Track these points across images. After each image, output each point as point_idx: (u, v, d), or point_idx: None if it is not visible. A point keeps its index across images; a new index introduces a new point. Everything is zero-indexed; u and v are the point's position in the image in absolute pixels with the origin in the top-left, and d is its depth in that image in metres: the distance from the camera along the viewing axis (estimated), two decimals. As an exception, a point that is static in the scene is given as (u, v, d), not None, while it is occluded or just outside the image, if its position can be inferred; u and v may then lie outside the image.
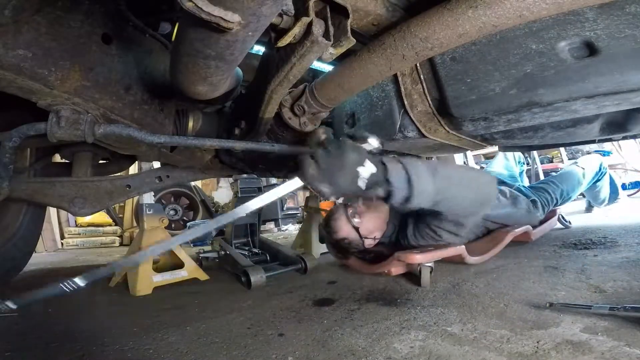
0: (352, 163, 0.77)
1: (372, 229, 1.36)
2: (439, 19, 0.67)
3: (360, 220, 1.33)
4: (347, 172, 0.76)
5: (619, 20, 0.75)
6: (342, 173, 0.76)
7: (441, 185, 0.94)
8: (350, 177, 0.77)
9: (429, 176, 0.90)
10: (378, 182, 0.82)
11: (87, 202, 1.13)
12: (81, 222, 4.17)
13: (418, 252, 1.14)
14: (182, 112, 1.26)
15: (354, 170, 0.77)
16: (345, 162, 0.76)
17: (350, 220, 1.33)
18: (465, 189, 1.03)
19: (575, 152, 4.52)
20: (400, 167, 0.88)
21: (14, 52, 0.72)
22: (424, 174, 0.89)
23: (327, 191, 0.77)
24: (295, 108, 1.07)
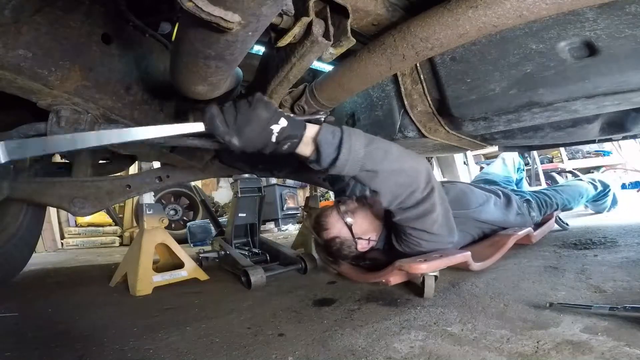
0: (264, 119, 0.76)
1: (366, 229, 1.23)
2: (439, 19, 0.68)
3: (354, 218, 1.22)
4: (259, 126, 0.75)
5: (619, 20, 0.75)
6: (254, 128, 0.75)
7: (374, 153, 0.89)
8: (260, 129, 0.76)
9: (362, 139, 0.88)
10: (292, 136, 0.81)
11: (87, 202, 1.13)
12: (81, 222, 4.17)
13: (422, 260, 1.02)
14: (182, 112, 1.26)
15: (265, 124, 0.76)
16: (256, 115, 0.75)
17: (343, 217, 1.21)
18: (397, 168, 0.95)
19: (575, 152, 4.52)
20: (332, 127, 0.87)
21: (14, 52, 0.72)
22: (358, 137, 0.87)
23: (236, 144, 0.76)
24: (296, 108, 1.07)
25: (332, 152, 0.85)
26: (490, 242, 1.42)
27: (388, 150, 0.92)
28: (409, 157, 0.98)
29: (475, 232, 1.46)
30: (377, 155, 0.89)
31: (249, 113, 0.75)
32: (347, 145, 0.84)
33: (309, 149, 0.86)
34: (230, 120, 0.75)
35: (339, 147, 0.84)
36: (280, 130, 0.79)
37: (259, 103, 0.76)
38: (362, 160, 0.87)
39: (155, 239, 1.57)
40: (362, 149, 0.86)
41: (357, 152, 0.85)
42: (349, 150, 0.84)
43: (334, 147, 0.84)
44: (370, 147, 0.88)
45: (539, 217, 1.79)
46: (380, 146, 0.92)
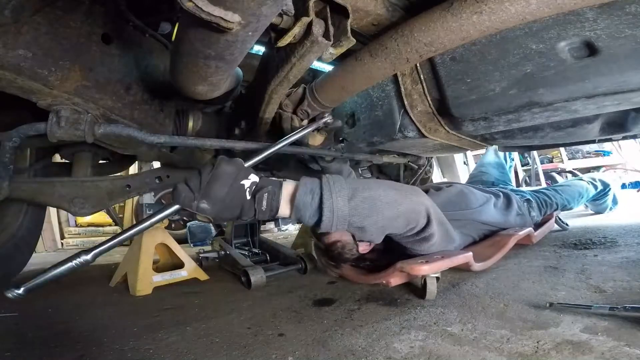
0: (230, 173, 0.70)
1: None
2: (443, 24, 0.67)
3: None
4: (226, 183, 0.68)
5: (619, 20, 0.75)
6: (221, 184, 0.68)
7: (360, 208, 0.80)
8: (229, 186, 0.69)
9: (344, 193, 0.78)
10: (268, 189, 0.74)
11: (87, 202, 1.13)
12: (81, 222, 4.17)
13: (424, 262, 0.99)
14: (182, 112, 1.26)
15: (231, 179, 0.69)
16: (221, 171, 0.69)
17: None
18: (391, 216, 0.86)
19: (575, 152, 4.52)
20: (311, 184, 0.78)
21: (14, 52, 0.72)
22: (340, 192, 0.77)
23: (209, 208, 0.67)
24: (299, 112, 1.07)
25: (313, 214, 0.76)
26: (491, 242, 1.40)
27: (377, 199, 0.82)
28: (405, 197, 0.89)
29: (476, 233, 1.45)
30: (364, 209, 0.80)
31: (214, 172, 0.68)
32: (328, 206, 0.75)
33: (288, 210, 0.77)
34: (195, 184, 0.68)
35: (319, 208, 0.75)
36: (252, 184, 0.72)
37: (222, 161, 0.71)
38: (348, 218, 0.78)
39: (155, 239, 1.57)
40: (345, 207, 0.77)
41: (341, 210, 0.76)
42: (332, 210, 0.75)
43: (314, 209, 0.76)
44: (355, 201, 0.79)
45: (539, 217, 1.78)
46: (367, 196, 0.81)
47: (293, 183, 0.79)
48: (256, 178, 0.74)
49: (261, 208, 0.72)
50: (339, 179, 0.80)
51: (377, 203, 0.82)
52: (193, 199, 0.67)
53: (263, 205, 0.72)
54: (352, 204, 0.78)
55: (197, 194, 0.67)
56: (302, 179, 0.79)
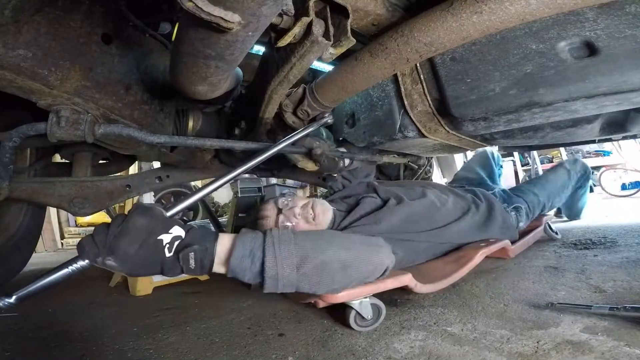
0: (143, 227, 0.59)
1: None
2: (443, 24, 0.67)
3: (297, 220, 1.03)
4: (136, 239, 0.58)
5: (619, 20, 0.75)
6: (130, 240, 0.57)
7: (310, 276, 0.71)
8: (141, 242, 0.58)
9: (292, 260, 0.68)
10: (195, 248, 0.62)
11: (87, 202, 1.13)
12: (81, 222, 4.17)
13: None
14: (182, 112, 1.26)
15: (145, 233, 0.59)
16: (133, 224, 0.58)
17: (287, 218, 1.03)
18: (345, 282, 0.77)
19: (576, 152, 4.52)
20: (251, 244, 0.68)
21: (14, 52, 0.72)
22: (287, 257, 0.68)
23: (117, 265, 0.58)
24: (299, 112, 1.07)
25: (254, 277, 0.67)
26: (454, 257, 1.18)
27: (328, 263, 0.72)
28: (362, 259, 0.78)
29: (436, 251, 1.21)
30: (313, 276, 0.71)
31: (123, 225, 0.58)
32: (271, 275, 0.66)
33: (223, 269, 0.67)
34: (101, 238, 0.58)
35: (261, 274, 0.66)
36: (173, 240, 0.61)
37: (134, 212, 0.60)
38: (296, 284, 0.69)
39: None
40: (293, 275, 0.68)
41: (287, 278, 0.67)
42: (276, 279, 0.66)
43: (254, 274, 0.67)
44: (304, 269, 0.69)
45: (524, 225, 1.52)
46: (318, 263, 0.71)
47: (230, 239, 0.68)
48: (180, 231, 0.63)
49: (189, 267, 0.62)
50: (286, 240, 0.70)
51: (327, 269, 0.72)
52: (98, 255, 0.57)
53: (190, 264, 0.62)
54: (301, 271, 0.69)
55: (102, 249, 0.57)
56: (240, 235, 0.70)
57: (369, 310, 0.87)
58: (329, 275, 0.73)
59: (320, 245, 0.73)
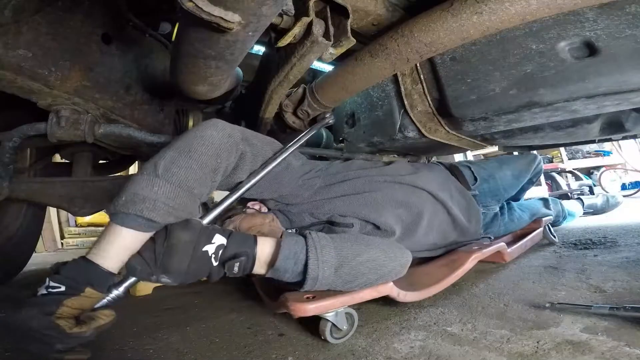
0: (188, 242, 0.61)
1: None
2: (444, 24, 0.67)
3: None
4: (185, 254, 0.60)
5: (619, 20, 0.75)
6: (180, 257, 0.60)
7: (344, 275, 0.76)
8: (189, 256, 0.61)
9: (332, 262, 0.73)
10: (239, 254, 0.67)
11: (87, 202, 1.13)
12: (81, 222, 4.16)
13: (310, 299, 0.76)
14: (182, 112, 1.26)
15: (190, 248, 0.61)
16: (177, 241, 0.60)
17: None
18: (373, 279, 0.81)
19: (575, 152, 4.52)
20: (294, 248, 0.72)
21: (14, 52, 0.72)
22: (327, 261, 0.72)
23: (171, 281, 0.61)
24: (299, 113, 1.07)
25: (294, 277, 0.73)
26: (446, 261, 1.12)
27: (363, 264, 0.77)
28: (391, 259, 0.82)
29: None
30: (348, 275, 0.76)
31: (168, 243, 0.60)
32: (313, 276, 0.71)
33: (263, 271, 0.72)
34: (150, 257, 0.60)
35: (302, 274, 0.72)
36: (217, 249, 0.64)
37: (173, 226, 0.61)
38: (331, 283, 0.75)
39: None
40: (331, 276, 0.73)
41: (326, 279, 0.73)
42: (316, 279, 0.72)
43: (295, 274, 0.72)
44: (343, 270, 0.74)
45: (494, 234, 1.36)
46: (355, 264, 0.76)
47: (271, 243, 0.72)
48: (222, 239, 0.65)
49: (232, 273, 0.66)
50: (326, 244, 0.74)
51: (362, 269, 0.77)
52: (151, 274, 0.60)
53: (234, 271, 0.66)
54: (339, 272, 0.74)
55: (155, 268, 0.59)
56: (284, 239, 0.73)
57: (344, 320, 0.82)
58: (362, 274, 0.78)
59: (358, 247, 0.79)
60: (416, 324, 0.89)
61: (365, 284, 0.80)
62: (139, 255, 0.61)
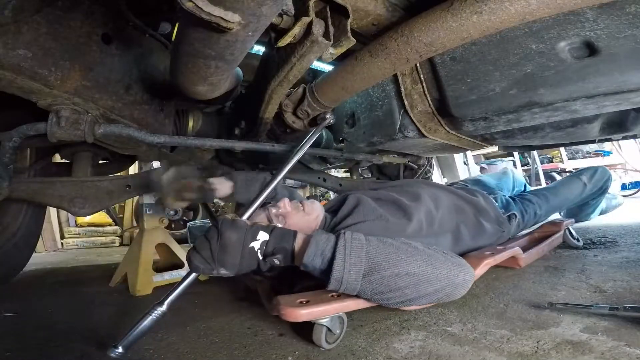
0: (237, 240, 0.71)
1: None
2: (443, 24, 0.67)
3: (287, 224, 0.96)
4: (237, 250, 0.70)
5: (619, 20, 0.75)
6: (232, 253, 0.70)
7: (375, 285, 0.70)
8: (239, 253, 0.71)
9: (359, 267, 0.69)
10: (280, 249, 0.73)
11: (87, 202, 1.13)
12: (81, 222, 4.16)
13: (303, 303, 0.75)
14: (182, 112, 1.26)
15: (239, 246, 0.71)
16: (228, 239, 0.70)
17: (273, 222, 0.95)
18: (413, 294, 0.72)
19: (575, 152, 4.52)
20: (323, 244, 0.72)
21: (14, 52, 0.72)
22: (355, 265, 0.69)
23: (228, 273, 0.71)
24: (299, 112, 1.07)
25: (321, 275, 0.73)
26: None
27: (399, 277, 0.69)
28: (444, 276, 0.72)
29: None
30: (379, 286, 0.70)
31: (221, 242, 0.70)
32: (337, 277, 0.69)
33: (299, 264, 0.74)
34: (208, 255, 0.71)
35: (327, 272, 0.70)
36: (262, 245, 0.72)
37: (224, 227, 0.71)
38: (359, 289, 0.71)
39: (155, 239, 1.57)
40: (357, 282, 0.69)
41: (352, 283, 0.70)
42: (340, 282, 0.69)
43: (321, 271, 0.72)
44: (371, 278, 0.69)
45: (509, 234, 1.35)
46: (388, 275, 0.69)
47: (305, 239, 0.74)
48: (265, 235, 0.73)
49: (275, 265, 0.74)
50: (358, 246, 0.71)
51: (398, 282, 0.69)
52: (212, 269, 0.71)
53: (277, 264, 0.74)
54: (369, 280, 0.69)
55: (214, 264, 0.71)
56: (314, 236, 0.73)
57: (337, 324, 0.79)
58: (398, 289, 0.70)
59: (394, 258, 0.71)
60: (416, 324, 0.89)
61: (402, 300, 0.72)
62: (199, 255, 0.72)
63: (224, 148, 1.09)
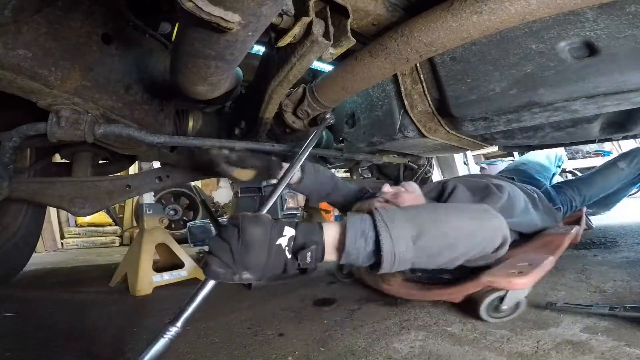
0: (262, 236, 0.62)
1: None
2: (443, 24, 0.67)
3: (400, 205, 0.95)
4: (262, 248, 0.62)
5: (619, 20, 0.75)
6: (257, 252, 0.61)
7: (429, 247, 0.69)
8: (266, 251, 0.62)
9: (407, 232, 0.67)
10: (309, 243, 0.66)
11: (87, 202, 1.13)
12: (81, 222, 4.17)
13: (518, 274, 0.79)
14: (182, 112, 1.26)
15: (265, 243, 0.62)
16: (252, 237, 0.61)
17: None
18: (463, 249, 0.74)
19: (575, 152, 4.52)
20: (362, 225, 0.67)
21: (14, 52, 0.72)
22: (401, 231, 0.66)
23: (252, 277, 0.62)
24: (299, 112, 1.07)
25: (368, 258, 0.67)
26: (541, 242, 1.15)
27: (448, 234, 0.70)
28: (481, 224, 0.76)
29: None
30: (432, 248, 0.69)
31: (243, 239, 0.61)
32: (388, 251, 0.64)
33: (335, 257, 0.68)
34: (228, 257, 0.61)
35: (377, 252, 0.65)
36: (289, 241, 0.65)
37: (246, 223, 0.62)
38: (412, 259, 0.68)
39: (155, 239, 1.57)
40: (409, 250, 0.66)
41: (404, 254, 0.66)
42: (392, 255, 0.65)
43: (368, 253, 0.66)
44: (423, 241, 0.67)
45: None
46: (437, 234, 0.69)
47: (336, 226, 0.69)
48: (292, 231, 0.66)
49: (306, 262, 0.65)
50: (395, 215, 0.68)
51: (449, 239, 0.70)
52: (234, 273, 0.61)
53: (307, 261, 0.65)
54: (419, 245, 0.67)
55: (236, 268, 0.61)
56: (348, 219, 0.69)
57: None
58: (450, 246, 0.71)
59: (436, 214, 0.72)
60: (416, 324, 0.89)
61: (457, 257, 0.72)
62: (217, 259, 0.61)
63: (224, 148, 1.09)
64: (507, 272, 0.82)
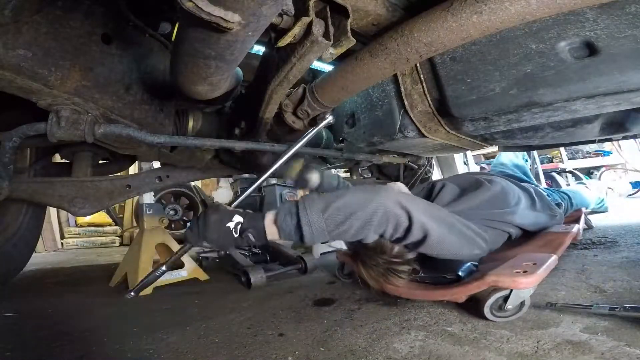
0: (215, 220, 0.86)
1: None
2: (443, 24, 0.67)
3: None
4: (214, 228, 0.86)
5: (619, 20, 0.75)
6: (211, 229, 0.86)
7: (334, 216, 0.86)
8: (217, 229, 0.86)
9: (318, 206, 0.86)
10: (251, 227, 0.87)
11: (87, 202, 1.13)
12: (81, 222, 4.17)
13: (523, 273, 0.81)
14: (182, 112, 1.26)
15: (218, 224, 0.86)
16: (209, 220, 0.86)
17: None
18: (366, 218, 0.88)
19: (575, 152, 4.52)
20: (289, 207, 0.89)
21: (14, 52, 0.72)
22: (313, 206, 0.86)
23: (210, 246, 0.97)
24: (299, 112, 1.07)
25: (295, 231, 0.86)
26: (543, 241, 1.20)
27: (347, 204, 0.88)
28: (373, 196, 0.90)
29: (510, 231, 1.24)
30: (337, 216, 0.86)
31: (204, 220, 0.86)
32: (305, 221, 0.85)
33: (276, 234, 0.88)
34: (195, 230, 0.87)
35: (298, 225, 0.85)
36: (236, 225, 0.87)
37: (209, 210, 0.90)
38: (325, 228, 0.86)
39: (155, 239, 1.57)
40: (320, 219, 0.85)
41: (317, 222, 0.85)
42: (309, 224, 0.85)
43: (294, 226, 0.86)
44: (329, 212, 0.86)
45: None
46: (339, 205, 0.87)
47: (274, 211, 0.91)
48: (239, 219, 0.87)
49: (251, 240, 0.86)
50: (312, 198, 0.90)
51: (347, 209, 0.87)
52: (198, 240, 0.88)
53: (251, 239, 0.86)
54: (326, 214, 0.86)
55: (199, 238, 0.87)
56: (280, 205, 0.93)
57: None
58: (350, 214, 0.87)
59: (341, 193, 0.92)
60: (416, 324, 0.89)
61: (362, 225, 0.88)
62: (189, 230, 0.90)
63: (224, 148, 1.09)
64: (512, 271, 0.84)
